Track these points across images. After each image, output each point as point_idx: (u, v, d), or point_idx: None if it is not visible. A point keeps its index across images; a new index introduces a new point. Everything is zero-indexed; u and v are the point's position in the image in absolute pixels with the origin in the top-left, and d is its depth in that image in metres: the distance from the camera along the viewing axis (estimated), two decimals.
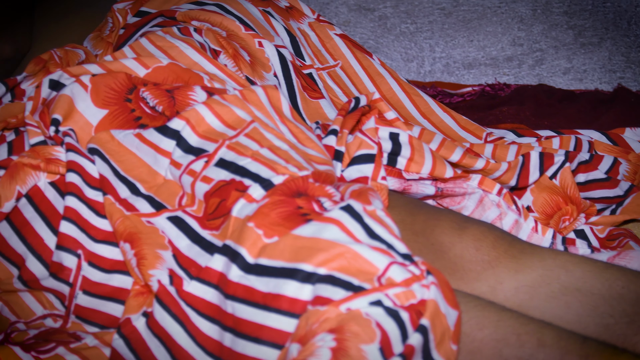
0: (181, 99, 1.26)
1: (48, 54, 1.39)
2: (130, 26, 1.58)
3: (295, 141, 1.20)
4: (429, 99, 1.66)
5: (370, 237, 1.00)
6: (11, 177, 1.22)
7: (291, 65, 1.53)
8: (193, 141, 1.18)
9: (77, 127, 1.26)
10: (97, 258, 1.17)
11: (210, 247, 1.10)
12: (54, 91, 1.30)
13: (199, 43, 1.44)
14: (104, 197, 1.18)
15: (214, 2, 1.58)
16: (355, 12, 2.39)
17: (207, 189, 1.13)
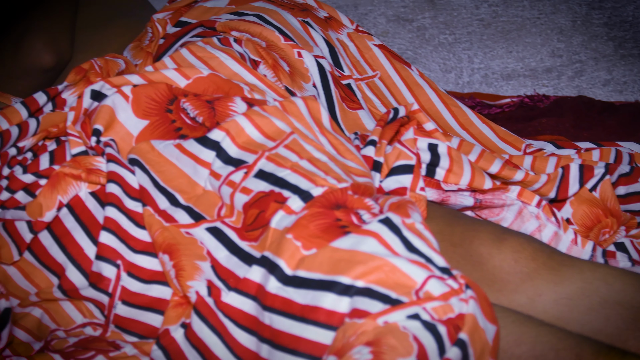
0: (221, 110, 1.26)
1: (88, 63, 1.40)
2: (170, 36, 1.59)
3: (334, 153, 1.20)
4: (468, 110, 1.66)
5: (409, 250, 0.99)
6: (53, 186, 1.23)
7: (330, 76, 1.53)
8: (233, 152, 1.19)
9: (118, 137, 1.27)
10: (137, 268, 1.17)
11: (249, 259, 1.10)
12: (95, 101, 1.31)
13: (239, 53, 1.44)
14: (143, 208, 1.18)
15: (253, 12, 1.59)
16: (394, 23, 2.39)
17: (246, 200, 1.14)
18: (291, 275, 1.02)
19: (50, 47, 1.75)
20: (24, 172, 1.29)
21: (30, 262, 1.25)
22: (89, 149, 1.27)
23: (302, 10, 1.64)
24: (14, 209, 1.25)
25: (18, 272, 1.25)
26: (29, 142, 1.33)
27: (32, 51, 1.74)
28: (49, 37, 1.75)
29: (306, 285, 1.00)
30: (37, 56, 1.74)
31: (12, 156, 1.32)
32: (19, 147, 1.32)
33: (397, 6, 2.40)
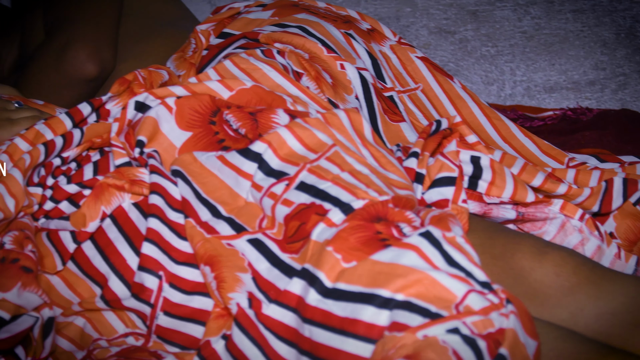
0: (264, 122, 1.27)
1: (132, 74, 1.41)
2: (213, 47, 1.60)
3: (376, 165, 1.20)
4: (510, 123, 1.65)
5: (449, 264, 0.99)
6: (96, 197, 1.24)
7: (372, 88, 1.53)
8: (274, 164, 1.19)
9: (161, 148, 1.28)
10: (178, 280, 1.18)
11: (290, 271, 1.10)
12: (139, 113, 1.32)
13: (282, 65, 1.45)
14: (185, 219, 1.19)
15: (296, 24, 1.59)
16: (436, 35, 2.39)
17: (287, 212, 1.14)
18: (331, 288, 1.02)
19: (94, 58, 1.77)
20: (68, 182, 1.31)
21: (73, 272, 1.26)
22: (133, 160, 1.28)
23: (345, 22, 1.65)
24: (58, 219, 1.26)
25: (61, 282, 1.26)
26: (73, 153, 1.34)
27: (76, 61, 1.76)
28: (93, 48, 1.77)
29: (346, 297, 1.00)
30: (81, 66, 1.76)
31: (57, 166, 1.33)
32: (63, 157, 1.33)
33: (439, 18, 2.40)
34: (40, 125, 1.32)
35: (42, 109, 1.54)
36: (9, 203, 1.22)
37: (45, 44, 1.83)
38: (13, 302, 1.13)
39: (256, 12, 1.67)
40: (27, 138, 1.31)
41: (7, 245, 1.19)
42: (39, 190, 1.29)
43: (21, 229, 1.23)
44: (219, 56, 1.57)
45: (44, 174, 1.32)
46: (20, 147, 1.30)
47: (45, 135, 1.32)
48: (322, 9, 1.70)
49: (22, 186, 1.24)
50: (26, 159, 1.26)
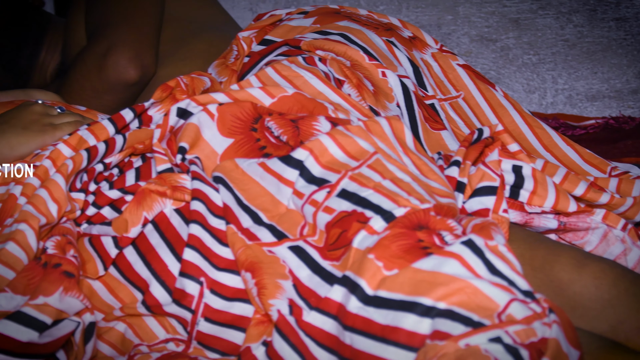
0: (305, 129, 1.27)
1: (174, 81, 1.42)
2: (255, 54, 1.60)
3: (417, 173, 1.20)
4: (552, 132, 1.64)
5: (491, 272, 0.99)
6: (138, 203, 1.25)
7: (414, 96, 1.53)
8: (316, 171, 1.19)
9: (203, 155, 1.28)
10: (219, 286, 1.18)
11: (331, 278, 1.10)
12: (181, 119, 1.32)
13: (324, 72, 1.45)
14: (226, 226, 1.19)
15: (338, 31, 1.59)
16: (477, 43, 2.38)
17: (328, 219, 1.14)
18: (372, 295, 1.01)
19: (135, 63, 1.78)
20: (110, 188, 1.31)
21: (115, 277, 1.27)
22: (174, 167, 1.29)
23: (386, 30, 1.64)
24: (100, 224, 1.27)
25: (103, 287, 1.27)
26: (116, 159, 1.35)
27: (117, 66, 1.78)
28: (134, 53, 1.78)
29: (387, 305, 1.00)
30: (122, 71, 1.78)
31: (99, 172, 1.34)
32: (105, 163, 1.34)
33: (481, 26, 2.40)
34: (83, 131, 1.34)
35: (84, 114, 1.55)
36: (51, 208, 1.23)
37: (87, 49, 1.84)
38: (55, 306, 1.14)
39: (298, 19, 1.68)
40: (70, 144, 1.32)
41: (50, 250, 1.20)
42: (81, 195, 1.30)
43: (63, 234, 1.23)
44: (261, 63, 1.57)
45: (87, 180, 1.33)
46: (64, 153, 1.31)
47: (88, 141, 1.33)
48: (363, 16, 1.70)
49: (65, 191, 1.25)
50: (69, 164, 1.27)
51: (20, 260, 1.18)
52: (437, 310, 0.96)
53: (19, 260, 1.18)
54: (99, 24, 1.87)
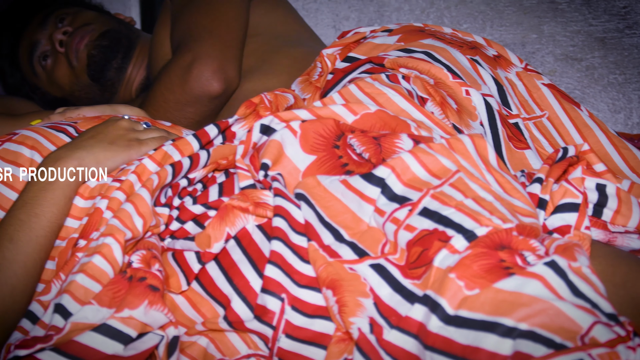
0: (387, 147, 1.27)
1: (259, 97, 1.43)
2: (338, 71, 1.61)
3: (500, 191, 1.19)
4: (638, 152, 1.61)
5: (575, 294, 0.97)
6: (221, 218, 1.26)
7: (497, 115, 1.52)
8: (398, 189, 1.19)
9: (285, 172, 1.29)
10: (300, 303, 1.18)
11: (411, 297, 1.10)
12: (264, 135, 1.33)
13: (407, 90, 1.45)
14: (308, 243, 1.20)
15: (422, 49, 1.59)
16: (562, 62, 2.36)
17: (410, 237, 1.14)
18: (453, 315, 1.01)
19: (219, 75, 1.80)
20: (194, 203, 1.33)
21: (197, 292, 1.28)
22: (257, 183, 1.30)
23: (471, 49, 1.64)
24: (183, 239, 1.28)
25: (186, 302, 1.28)
26: (199, 174, 1.37)
27: (201, 79, 1.80)
28: (218, 65, 1.81)
29: (468, 325, 0.99)
30: (206, 84, 1.80)
31: (183, 187, 1.36)
32: (189, 178, 1.36)
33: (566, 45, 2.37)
34: (168, 146, 1.35)
35: (170, 130, 1.57)
36: (137, 222, 1.25)
37: (172, 61, 1.87)
38: (140, 319, 1.15)
39: (382, 37, 1.68)
40: (155, 159, 1.34)
41: (135, 264, 1.21)
42: (165, 210, 1.32)
43: (148, 248, 1.25)
44: (344, 80, 1.57)
45: (171, 195, 1.34)
46: (149, 168, 1.33)
47: (172, 156, 1.35)
48: (448, 34, 1.69)
49: (150, 206, 1.27)
50: (154, 179, 1.29)
51: (106, 273, 1.20)
52: (519, 331, 0.95)
53: (105, 274, 1.20)
54: (184, 38, 1.90)
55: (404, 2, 2.51)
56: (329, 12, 2.62)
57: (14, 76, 2.32)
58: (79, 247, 1.28)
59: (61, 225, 1.32)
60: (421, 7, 2.48)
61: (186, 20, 1.94)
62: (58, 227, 1.31)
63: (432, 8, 2.47)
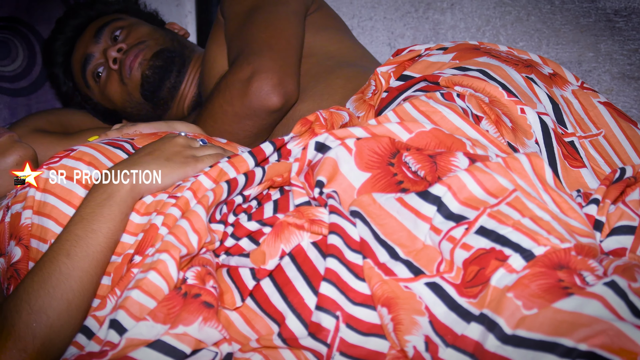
0: (443, 165, 1.26)
1: (314, 115, 1.43)
2: (393, 90, 1.61)
3: (557, 211, 1.18)
4: None
5: (635, 315, 0.96)
6: (276, 235, 1.26)
7: (553, 133, 1.51)
8: (454, 207, 1.18)
9: (340, 189, 1.29)
10: (355, 320, 1.18)
11: (467, 315, 1.09)
12: (319, 153, 1.33)
13: (462, 108, 1.44)
14: (363, 260, 1.19)
15: (477, 67, 1.58)
16: (619, 81, 2.34)
17: (466, 256, 1.13)
18: (510, 335, 1.00)
19: (278, 90, 1.81)
20: (249, 220, 1.33)
21: (252, 309, 1.28)
22: (312, 200, 1.30)
23: (526, 67, 1.63)
24: (238, 256, 1.29)
25: (240, 318, 1.28)
26: (255, 191, 1.37)
27: (261, 92, 1.81)
28: (277, 80, 1.82)
29: (526, 345, 0.98)
30: (266, 97, 1.81)
31: (238, 204, 1.36)
32: (244, 195, 1.36)
33: (623, 64, 2.35)
34: (224, 163, 1.36)
35: (225, 147, 1.58)
36: (192, 239, 1.26)
37: (231, 74, 1.88)
38: (194, 336, 1.15)
39: (437, 55, 1.67)
40: (211, 176, 1.35)
41: (190, 281, 1.22)
42: (220, 227, 1.32)
43: (203, 265, 1.26)
44: (399, 99, 1.57)
45: (226, 211, 1.35)
46: (204, 185, 1.34)
47: (228, 173, 1.35)
48: (503, 52, 1.68)
49: (205, 223, 1.27)
50: (210, 196, 1.30)
51: (161, 289, 1.21)
52: (579, 351, 0.94)
53: (160, 290, 1.21)
54: (242, 51, 1.91)
55: (460, 20, 2.50)
56: (384, 29, 2.62)
57: (67, 85, 2.35)
58: (134, 263, 1.29)
59: (117, 241, 1.34)
60: (477, 25, 2.48)
61: (244, 35, 1.95)
62: (114, 242, 1.32)
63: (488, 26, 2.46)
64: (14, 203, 1.47)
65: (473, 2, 2.48)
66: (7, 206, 1.48)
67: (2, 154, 1.59)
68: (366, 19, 2.67)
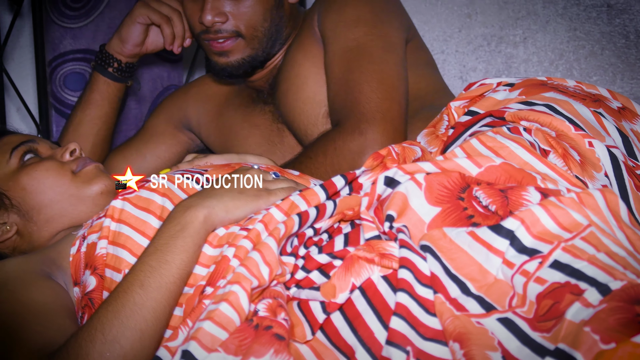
0: (515, 199, 1.26)
1: (386, 149, 1.44)
2: (459, 125, 1.60)
3: (632, 248, 1.17)
4: None
5: None
6: (347, 269, 1.26)
7: (623, 166, 1.49)
8: (527, 242, 1.18)
9: (410, 223, 1.28)
10: (426, 356, 1.17)
11: (541, 350, 1.08)
12: (388, 188, 1.33)
13: (529, 142, 1.44)
14: (434, 295, 1.19)
15: (543, 102, 1.58)
16: None
17: (540, 290, 1.12)
18: None
19: None
20: (320, 253, 1.34)
21: (322, 342, 1.28)
22: (382, 234, 1.30)
23: (594, 101, 1.62)
24: (309, 289, 1.29)
25: (310, 351, 1.28)
26: (326, 224, 1.37)
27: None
28: None
29: None
30: None
31: (309, 237, 1.37)
32: (315, 228, 1.36)
33: None
34: (296, 196, 1.37)
35: (297, 179, 1.58)
36: (263, 271, 1.26)
37: (340, 141, 1.87)
38: None
39: (503, 92, 1.66)
40: (283, 208, 1.35)
41: (261, 313, 1.22)
42: (291, 259, 1.33)
43: (274, 297, 1.26)
44: (465, 134, 1.57)
45: (297, 244, 1.35)
46: (276, 217, 1.34)
47: (299, 206, 1.36)
48: (571, 87, 1.68)
49: (276, 255, 1.28)
50: (281, 228, 1.30)
51: (232, 321, 1.22)
52: None
53: (231, 321, 1.21)
54: (352, 114, 1.89)
55: (533, 53, 2.50)
56: (456, 63, 2.62)
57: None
58: (206, 294, 1.30)
59: (190, 273, 1.34)
60: (550, 59, 2.47)
61: (354, 88, 1.93)
62: (187, 274, 1.33)
63: (561, 60, 2.46)
64: (90, 233, 1.49)
65: (546, 35, 2.47)
66: (84, 236, 1.50)
67: (88, 182, 1.65)
68: (438, 52, 2.68)
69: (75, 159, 1.70)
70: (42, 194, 1.63)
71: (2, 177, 1.65)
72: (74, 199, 1.64)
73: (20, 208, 1.64)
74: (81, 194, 1.64)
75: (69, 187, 1.64)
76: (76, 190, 1.64)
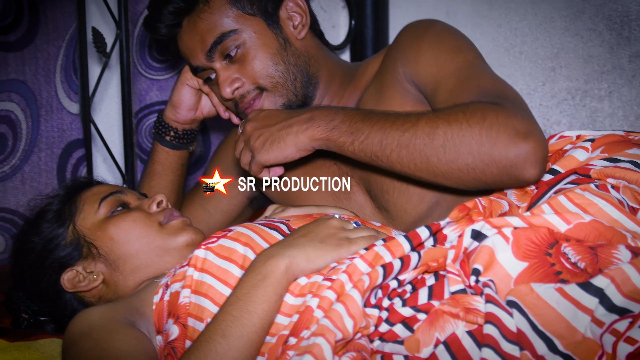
0: (604, 257, 1.24)
1: (472, 202, 1.43)
2: (542, 184, 1.58)
3: None
4: None
5: None
6: (431, 323, 1.25)
7: None
8: (617, 300, 1.16)
9: (496, 278, 1.27)
10: None
11: None
12: (475, 241, 1.32)
13: (618, 200, 1.42)
14: (520, 352, 1.17)
15: (628, 159, 1.56)
16: None
17: (630, 350, 1.11)
18: None
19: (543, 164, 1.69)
20: (403, 305, 1.33)
21: None
22: (468, 288, 1.29)
23: None
24: (392, 343, 1.28)
25: None
26: (410, 276, 1.36)
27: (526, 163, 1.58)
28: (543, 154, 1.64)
29: None
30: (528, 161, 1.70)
31: (393, 288, 1.36)
32: (399, 279, 1.36)
33: None
34: (380, 247, 1.36)
35: (379, 229, 1.58)
36: (347, 323, 1.26)
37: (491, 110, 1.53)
38: None
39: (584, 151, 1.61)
40: (367, 259, 1.35)
41: None
42: (375, 311, 1.32)
43: (358, 350, 1.25)
44: (550, 192, 1.55)
45: (381, 296, 1.34)
46: (360, 268, 1.34)
47: (384, 257, 1.35)
48: None
49: (361, 307, 1.28)
50: (365, 280, 1.30)
51: None
52: None
53: None
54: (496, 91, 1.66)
55: (618, 108, 2.47)
56: (540, 116, 2.61)
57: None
58: (289, 344, 1.30)
59: (272, 322, 1.34)
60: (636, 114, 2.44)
61: (496, 82, 1.73)
62: (269, 323, 1.33)
63: None
64: (174, 282, 1.50)
65: (632, 89, 2.44)
66: (167, 285, 1.51)
67: (175, 235, 1.67)
68: None
69: (162, 210, 1.72)
70: (129, 245, 1.66)
71: (91, 227, 1.68)
72: (160, 250, 1.66)
73: (107, 258, 1.66)
74: (167, 245, 1.66)
75: (156, 238, 1.66)
76: (162, 242, 1.66)
